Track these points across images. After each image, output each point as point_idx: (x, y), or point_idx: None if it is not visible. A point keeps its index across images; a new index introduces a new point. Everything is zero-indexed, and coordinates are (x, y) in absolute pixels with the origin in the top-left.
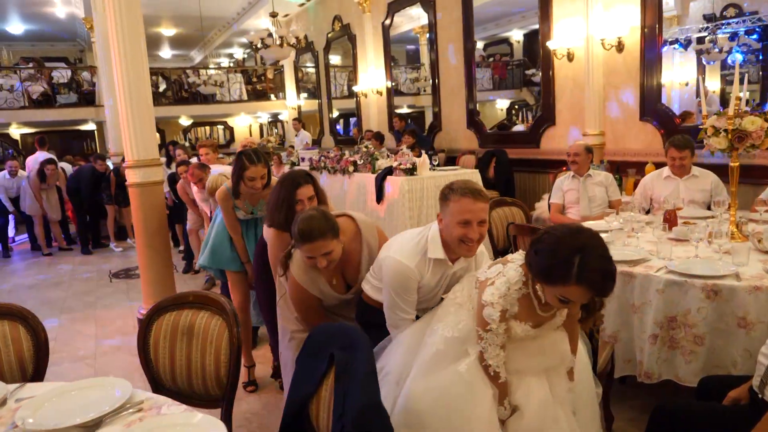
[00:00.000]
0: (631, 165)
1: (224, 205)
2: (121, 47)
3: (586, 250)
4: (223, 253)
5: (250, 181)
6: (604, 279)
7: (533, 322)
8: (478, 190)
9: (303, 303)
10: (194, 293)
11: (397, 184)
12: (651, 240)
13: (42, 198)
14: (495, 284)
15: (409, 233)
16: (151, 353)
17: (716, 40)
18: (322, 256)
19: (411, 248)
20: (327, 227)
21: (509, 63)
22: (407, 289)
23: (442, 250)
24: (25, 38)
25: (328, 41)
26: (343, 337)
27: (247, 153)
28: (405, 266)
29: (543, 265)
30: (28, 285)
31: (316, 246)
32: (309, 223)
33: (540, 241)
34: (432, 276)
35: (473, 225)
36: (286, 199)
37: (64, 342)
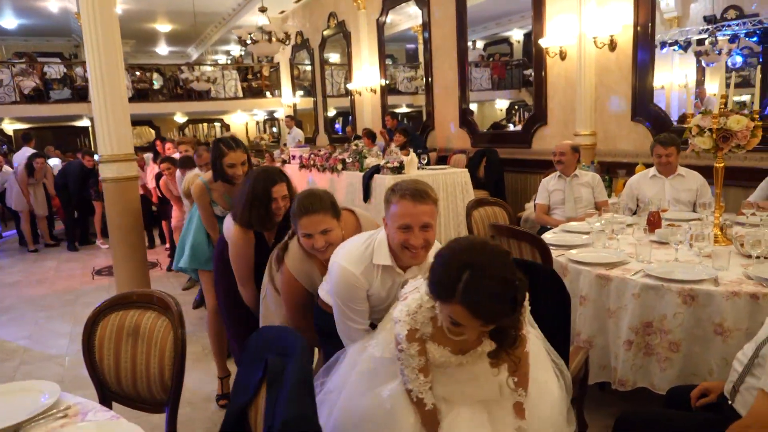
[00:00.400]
0: (621, 166)
1: (201, 202)
2: (93, 38)
3: (479, 266)
4: (202, 252)
5: (230, 168)
6: (490, 301)
7: (453, 346)
8: (420, 192)
9: (292, 298)
10: (138, 292)
11: (384, 182)
12: (632, 242)
13: (29, 193)
14: (407, 300)
15: (359, 237)
16: (96, 355)
17: (716, 42)
18: (320, 234)
19: (358, 254)
20: (328, 203)
21: (509, 63)
22: (354, 298)
23: (389, 256)
24: (19, 33)
25: (323, 38)
26: (279, 342)
27: (224, 139)
28: (350, 273)
29: (433, 278)
30: (10, 282)
31: (315, 220)
32: (311, 196)
33: (439, 254)
34: (381, 285)
35: (414, 230)
36: (259, 195)
37: (36, 340)
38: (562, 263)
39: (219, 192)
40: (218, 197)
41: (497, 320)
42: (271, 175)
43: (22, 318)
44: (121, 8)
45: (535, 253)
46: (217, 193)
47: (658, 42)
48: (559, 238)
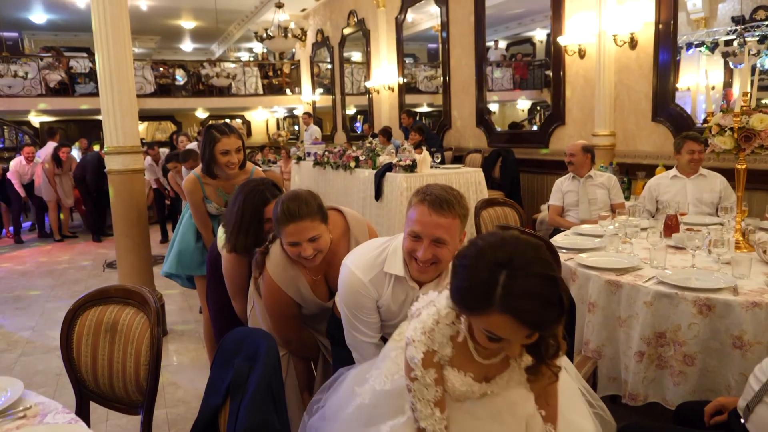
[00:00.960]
0: (641, 168)
1: (192, 198)
2: (102, 28)
3: (518, 264)
4: (190, 257)
5: (223, 156)
6: (537, 304)
7: (476, 372)
8: (443, 201)
9: (277, 309)
10: (116, 286)
11: (395, 181)
12: (647, 247)
13: (56, 183)
14: (421, 316)
15: (375, 241)
16: (74, 351)
17: (745, 43)
18: (308, 243)
19: (370, 259)
20: (315, 207)
21: (531, 63)
22: (361, 308)
23: (402, 266)
24: (48, 28)
25: (342, 36)
26: (249, 345)
27: (216, 125)
28: (357, 279)
29: (460, 286)
30: (21, 271)
31: (301, 227)
32: (295, 201)
33: (460, 253)
34: (392, 298)
35: (424, 242)
36: (252, 217)
37: (40, 332)
38: (571, 267)
39: (213, 187)
40: (212, 193)
41: (548, 326)
42: (263, 192)
43: (29, 308)
44: (146, 4)
45: None
46: (210, 188)
47: (684, 43)
48: (569, 241)
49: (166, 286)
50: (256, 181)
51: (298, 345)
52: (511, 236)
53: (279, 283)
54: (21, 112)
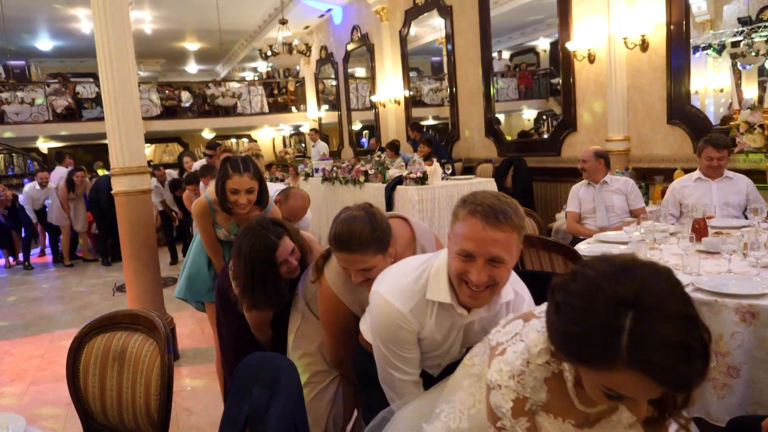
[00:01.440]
0: (658, 172)
1: (201, 222)
2: (105, 46)
3: (645, 301)
4: (201, 282)
5: (232, 194)
6: (680, 357)
7: (577, 418)
8: (498, 211)
9: (336, 324)
10: (123, 311)
11: (407, 194)
12: (677, 252)
13: (69, 208)
14: (506, 354)
15: (410, 262)
16: (81, 381)
17: (752, 44)
18: (358, 271)
19: (408, 285)
20: (372, 238)
21: (535, 72)
22: (399, 342)
23: (447, 290)
24: (54, 55)
25: (347, 52)
26: (268, 371)
27: (233, 158)
28: (395, 311)
29: (568, 332)
30: (31, 298)
31: (353, 259)
32: (350, 227)
33: (564, 286)
34: (437, 327)
35: (478, 261)
36: (264, 268)
37: (50, 360)
38: None
39: (224, 216)
40: (222, 220)
41: (691, 383)
42: (264, 238)
43: (38, 335)
44: (151, 28)
45: (569, 266)
46: (221, 216)
47: (691, 46)
48: (594, 248)
49: (178, 308)
50: (254, 227)
51: (350, 366)
52: (631, 262)
53: (338, 294)
54: (29, 139)
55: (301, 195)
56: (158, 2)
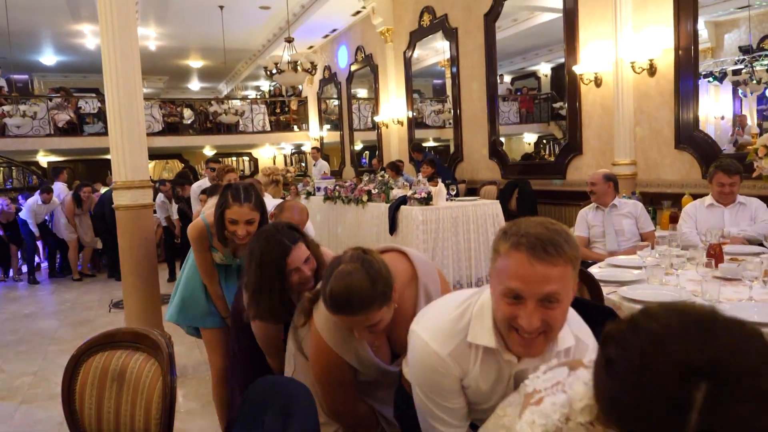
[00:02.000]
0: (666, 197)
1: (197, 245)
2: (112, 58)
3: (725, 370)
4: (195, 305)
5: (231, 224)
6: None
7: None
8: (547, 243)
9: (328, 375)
10: (124, 329)
11: (411, 214)
12: (693, 278)
13: (76, 223)
14: (542, 405)
15: (451, 299)
16: (77, 402)
17: (754, 72)
18: (362, 329)
19: (448, 325)
20: (374, 293)
21: (536, 97)
22: (439, 390)
23: (492, 333)
24: (58, 69)
25: (350, 72)
26: (282, 397)
27: (235, 186)
28: (433, 354)
29: (621, 398)
30: (25, 314)
31: (356, 320)
32: (348, 286)
33: (619, 339)
34: (482, 375)
35: (528, 303)
36: (274, 273)
37: (43, 377)
38: (614, 301)
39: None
40: (219, 244)
41: None
42: (279, 242)
43: (31, 352)
44: (155, 44)
45: (583, 289)
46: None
47: None
48: (606, 273)
49: (175, 325)
50: (269, 230)
51: (352, 419)
52: (710, 316)
53: (330, 343)
54: (29, 152)
55: (298, 207)
56: (163, 19)
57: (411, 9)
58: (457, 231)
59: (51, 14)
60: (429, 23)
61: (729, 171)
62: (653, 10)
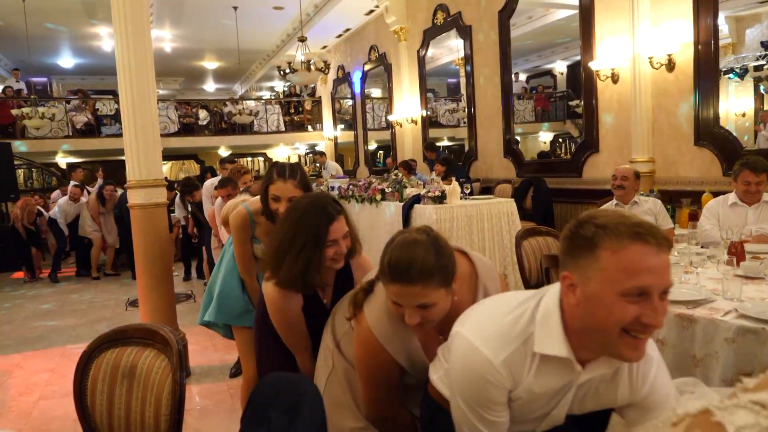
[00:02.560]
0: (685, 194)
1: (239, 235)
2: (125, 55)
3: None
4: (234, 302)
5: (273, 201)
6: None
7: None
8: (652, 228)
9: (375, 374)
10: (135, 326)
11: (425, 213)
12: (714, 277)
13: (100, 222)
14: None
15: (503, 299)
16: (88, 398)
17: None
18: (415, 309)
19: (503, 329)
20: (436, 266)
21: (552, 95)
22: (486, 402)
23: (563, 342)
24: (76, 72)
25: (364, 72)
26: (289, 394)
27: (279, 163)
28: (483, 361)
29: None
30: (44, 311)
31: (411, 292)
32: (410, 253)
33: None
34: (537, 386)
35: (654, 297)
36: (309, 238)
37: (61, 374)
38: None
39: (264, 227)
40: (262, 234)
41: None
42: (325, 207)
43: (50, 349)
44: (170, 46)
45: None
46: (261, 228)
47: None
48: None
49: (190, 324)
50: (314, 196)
51: (392, 426)
52: None
53: (381, 339)
54: (48, 153)
55: None
56: (178, 21)
57: (424, 7)
58: (471, 230)
59: (68, 17)
60: (443, 21)
61: (756, 169)
62: (672, 4)
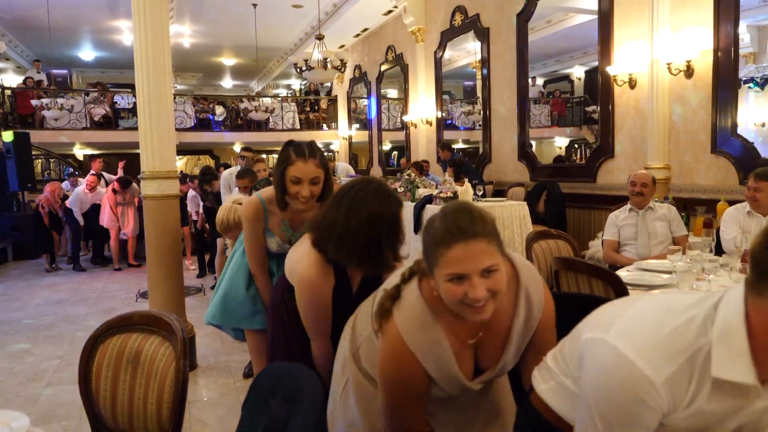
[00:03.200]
0: (700, 202)
1: (251, 228)
2: (143, 47)
3: None
4: (238, 304)
5: (293, 184)
6: None
7: None
8: None
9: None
10: (140, 313)
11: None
12: (726, 284)
13: (118, 212)
14: None
15: (659, 303)
16: (93, 383)
17: None
18: (480, 278)
19: (664, 338)
20: (493, 226)
21: (569, 100)
22: (631, 423)
23: (750, 367)
24: (96, 65)
25: (380, 72)
26: (288, 384)
27: (296, 142)
28: (643, 380)
29: None
30: (56, 300)
31: (476, 249)
32: (465, 213)
33: None
34: (697, 411)
35: None
36: (379, 223)
37: (69, 361)
38: None
39: (278, 218)
40: (275, 225)
41: None
42: (392, 192)
43: (60, 337)
44: (189, 42)
45: (609, 291)
46: (275, 218)
47: None
48: (635, 276)
49: (199, 317)
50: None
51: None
52: None
53: (410, 345)
54: (66, 145)
55: None
56: (198, 17)
57: (443, 8)
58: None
59: (90, 10)
60: (460, 23)
61: (757, 175)
62: (692, 10)
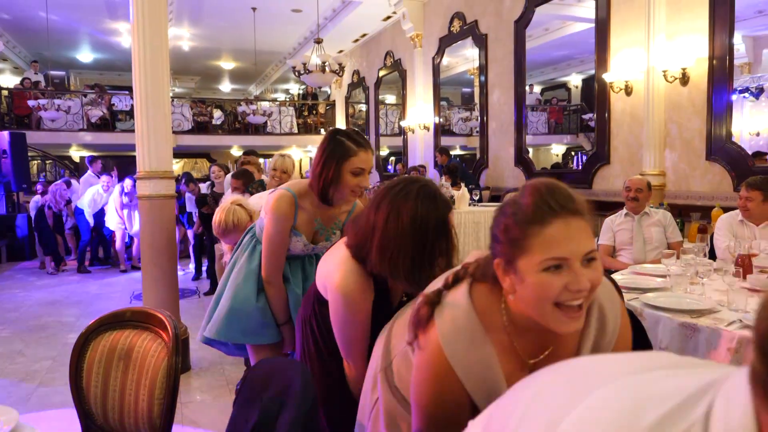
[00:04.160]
0: (695, 209)
1: (279, 225)
2: (141, 47)
3: None
4: (247, 317)
5: (354, 177)
6: None
7: None
8: None
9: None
10: (133, 309)
11: None
12: (720, 288)
13: (124, 215)
14: None
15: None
16: (83, 380)
17: None
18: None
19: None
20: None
21: (566, 108)
22: None
23: None
24: (94, 67)
25: (378, 77)
26: (280, 381)
27: (345, 132)
28: None
29: None
30: (50, 301)
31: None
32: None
33: None
34: None
35: None
36: (435, 230)
37: (61, 362)
38: (637, 308)
39: (309, 215)
40: (304, 223)
41: None
42: (441, 195)
43: (52, 338)
44: (188, 45)
45: None
46: (305, 215)
47: None
48: (629, 279)
49: (193, 318)
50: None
51: None
52: None
53: (450, 358)
54: (63, 146)
55: None
56: (197, 20)
57: (441, 15)
58: (479, 236)
59: (89, 12)
60: (459, 29)
61: (749, 184)
62: (688, 18)
